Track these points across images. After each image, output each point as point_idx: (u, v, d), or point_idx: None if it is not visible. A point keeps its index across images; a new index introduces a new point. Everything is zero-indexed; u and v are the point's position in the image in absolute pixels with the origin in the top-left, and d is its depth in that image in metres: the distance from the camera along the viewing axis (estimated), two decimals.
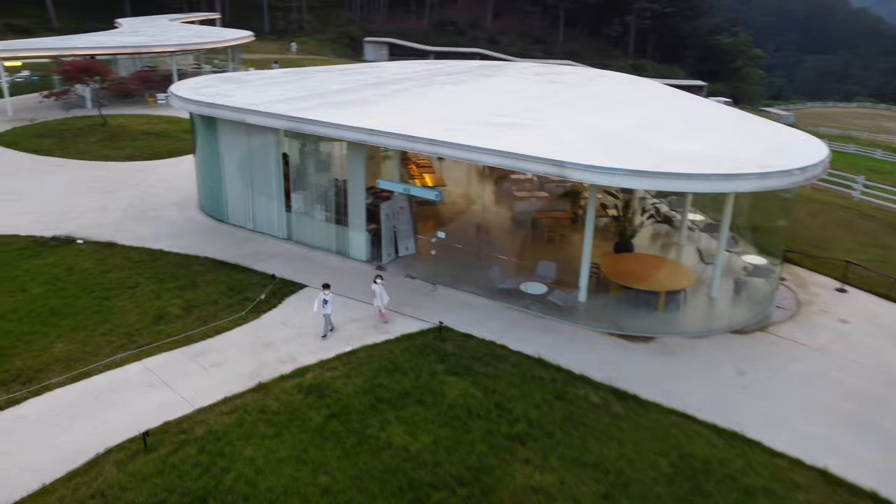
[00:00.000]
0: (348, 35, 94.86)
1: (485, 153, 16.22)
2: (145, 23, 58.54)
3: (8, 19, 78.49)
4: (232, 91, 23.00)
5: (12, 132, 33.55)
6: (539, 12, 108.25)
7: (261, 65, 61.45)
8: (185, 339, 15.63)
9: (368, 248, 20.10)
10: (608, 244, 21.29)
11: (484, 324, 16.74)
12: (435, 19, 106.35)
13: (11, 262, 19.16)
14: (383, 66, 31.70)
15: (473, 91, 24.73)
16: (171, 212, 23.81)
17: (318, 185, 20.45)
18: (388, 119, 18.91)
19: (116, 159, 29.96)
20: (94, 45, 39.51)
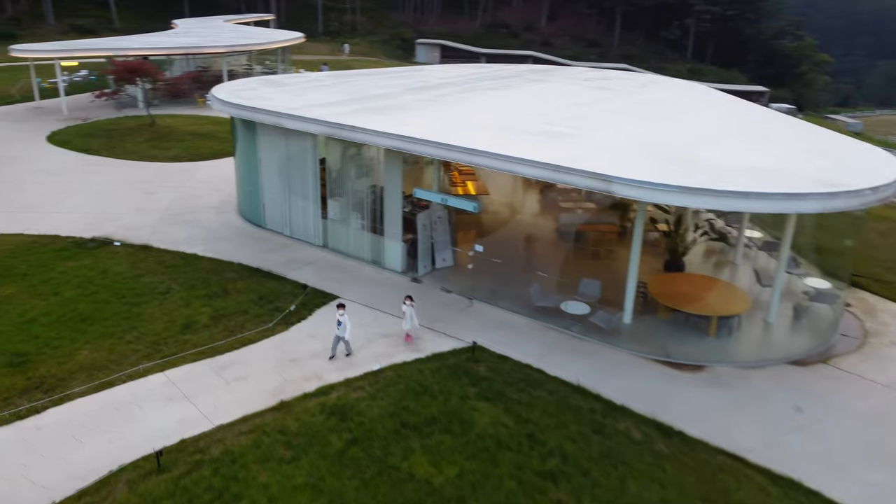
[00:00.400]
0: (400, 37, 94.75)
1: (525, 164, 15.33)
2: (200, 23, 59.38)
3: (73, 20, 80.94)
4: (272, 94, 22.65)
5: (65, 131, 34.13)
6: (595, 15, 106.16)
7: (311, 66, 61.70)
8: (210, 350, 15.20)
9: (404, 258, 19.41)
10: (657, 261, 20.10)
11: (521, 345, 15.84)
12: (488, 21, 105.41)
13: (48, 264, 19.13)
14: (428, 69, 31.06)
15: (519, 97, 23.82)
16: (209, 215, 23.60)
17: (355, 191, 19.87)
18: (426, 126, 18.20)
19: (161, 160, 30.07)
20: (147, 46, 40.01)
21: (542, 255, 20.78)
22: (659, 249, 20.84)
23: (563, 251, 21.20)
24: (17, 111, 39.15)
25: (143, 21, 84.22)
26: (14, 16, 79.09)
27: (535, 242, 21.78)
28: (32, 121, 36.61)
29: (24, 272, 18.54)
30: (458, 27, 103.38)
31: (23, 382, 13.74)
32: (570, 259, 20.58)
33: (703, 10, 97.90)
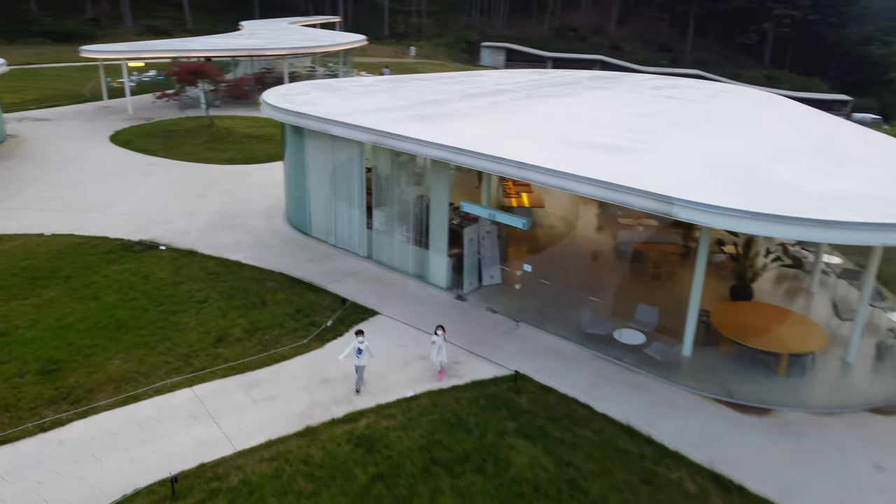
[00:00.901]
0: (465, 39, 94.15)
1: (578, 182, 14.19)
2: (265, 25, 60.07)
3: (148, 21, 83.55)
4: (322, 99, 22.13)
5: (128, 131, 34.69)
6: (667, 19, 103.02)
7: (372, 68, 61.65)
8: (241, 365, 14.63)
9: (449, 274, 18.50)
10: (723, 286, 18.58)
11: (568, 375, 14.69)
12: (556, 24, 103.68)
13: (93, 267, 19.05)
14: (486, 75, 30.08)
15: (578, 106, 22.59)
16: (257, 220, 23.26)
17: (401, 202, 19.06)
18: (477, 135, 17.26)
19: (217, 162, 30.09)
20: (210, 48, 40.45)
21: (597, 276, 19.51)
22: (725, 273, 19.29)
23: (619, 272, 19.87)
24: (86, 110, 40.17)
25: (214, 22, 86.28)
26: (94, 17, 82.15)
27: (589, 261, 20.50)
28: (99, 120, 37.43)
29: (69, 274, 18.48)
30: (525, 30, 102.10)
31: (51, 392, 13.45)
32: (627, 281, 19.24)
33: (783, 14, 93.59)
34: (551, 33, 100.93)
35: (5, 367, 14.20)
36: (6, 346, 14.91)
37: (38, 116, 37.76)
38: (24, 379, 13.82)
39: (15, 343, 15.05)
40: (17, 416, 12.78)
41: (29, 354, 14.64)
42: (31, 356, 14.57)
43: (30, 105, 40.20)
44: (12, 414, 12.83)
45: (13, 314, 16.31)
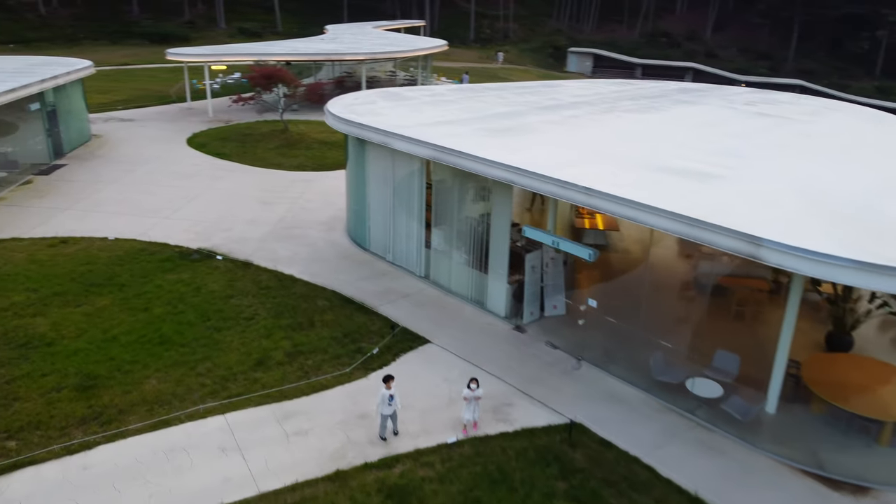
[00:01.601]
0: (552, 45, 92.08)
1: (652, 213, 12.62)
2: (349, 29, 60.32)
3: (241, 23, 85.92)
4: (387, 109, 21.28)
5: (205, 133, 35.08)
6: (769, 25, 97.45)
7: (452, 74, 60.85)
8: (278, 393, 13.85)
9: (509, 302, 17.20)
10: (818, 332, 16.47)
11: (630, 428, 13.14)
12: (648, 30, 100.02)
13: (149, 275, 18.84)
14: (565, 85, 28.51)
15: (662, 123, 20.79)
16: (316, 232, 22.65)
17: (461, 221, 17.91)
18: (546, 155, 15.93)
19: (286, 168, 29.85)
20: (290, 52, 40.59)
21: (671, 311, 17.72)
22: (821, 315, 17.13)
23: (697, 308, 18.00)
24: (170, 111, 41.09)
25: (303, 25, 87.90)
26: (190, 19, 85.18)
27: (664, 294, 18.70)
28: (180, 121, 38.13)
29: (124, 282, 18.32)
30: (615, 36, 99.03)
31: (84, 410, 13.05)
32: (705, 319, 17.36)
33: None
34: (642, 39, 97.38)
35: (46, 379, 13.96)
36: (50, 357, 14.71)
37: (124, 117, 38.85)
38: (61, 394, 13.51)
39: (59, 354, 14.83)
40: (48, 434, 12.42)
41: (70, 367, 14.36)
42: (72, 369, 14.29)
43: (118, 105, 41.49)
44: (42, 432, 12.48)
45: (64, 322, 16.18)
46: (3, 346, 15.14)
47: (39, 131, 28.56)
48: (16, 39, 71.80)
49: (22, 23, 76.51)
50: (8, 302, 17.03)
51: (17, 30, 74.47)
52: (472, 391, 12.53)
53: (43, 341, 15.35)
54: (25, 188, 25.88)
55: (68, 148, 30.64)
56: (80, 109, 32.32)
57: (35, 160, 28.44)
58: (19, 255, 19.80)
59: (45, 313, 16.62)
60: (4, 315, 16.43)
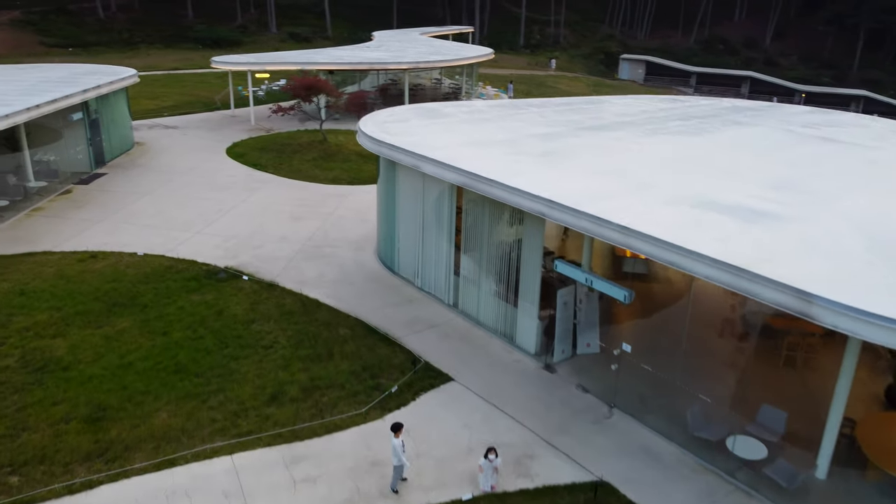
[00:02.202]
0: (604, 51, 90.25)
1: (692, 259, 11.53)
2: (396, 36, 59.93)
3: (292, 28, 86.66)
4: (422, 128, 20.55)
5: (244, 143, 35.00)
6: (833, 33, 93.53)
7: (499, 81, 59.89)
8: (290, 433, 13.22)
9: (539, 338, 16.24)
10: (877, 383, 15.04)
11: (663, 489, 12.07)
12: (704, 37, 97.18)
13: (173, 295, 18.51)
14: (611, 102, 27.28)
15: (712, 148, 19.51)
16: (346, 251, 22.06)
17: (490, 249, 17.03)
18: (583, 184, 14.97)
19: (321, 180, 29.42)
20: (334, 61, 40.31)
21: (714, 356, 16.45)
22: (881, 364, 15.68)
23: (742, 353, 16.70)
24: (213, 118, 41.27)
25: (352, 30, 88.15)
26: (242, 23, 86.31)
27: (707, 334, 17.43)
28: (222, 129, 38.19)
29: (147, 303, 18.01)
30: (669, 42, 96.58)
31: (90, 445, 12.66)
32: (751, 365, 16.07)
33: None
34: (698, 46, 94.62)
35: (56, 408, 13.64)
36: (64, 384, 14.41)
37: (168, 124, 39.13)
38: (69, 426, 13.16)
39: (73, 380, 14.52)
40: (51, 471, 12.05)
41: (82, 396, 14.02)
42: (83, 398, 13.95)
43: (164, 112, 41.87)
44: (46, 468, 12.11)
45: (82, 345, 15.91)
46: (21, 369, 14.93)
47: (81, 140, 28.79)
48: (75, 43, 73.86)
49: (82, 27, 78.68)
50: (31, 321, 16.88)
51: (78, 34, 76.61)
52: (490, 462, 11.64)
53: (59, 365, 15.09)
54: (64, 198, 26.04)
55: (110, 156, 30.86)
56: (123, 117, 32.55)
57: (76, 169, 28.67)
58: (49, 270, 19.73)
59: (66, 334, 16.40)
60: (26, 335, 16.26)
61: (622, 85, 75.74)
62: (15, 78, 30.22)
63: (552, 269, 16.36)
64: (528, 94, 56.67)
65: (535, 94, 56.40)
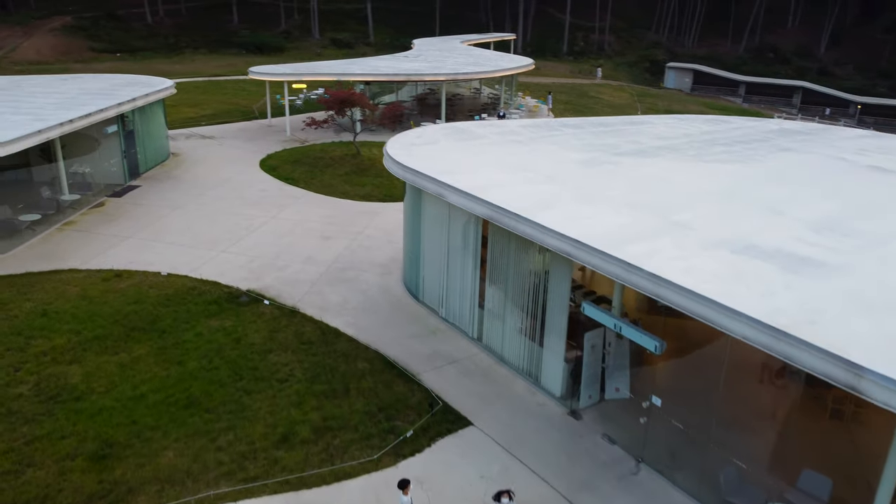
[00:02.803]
0: (650, 59, 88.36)
1: (726, 315, 10.59)
2: (435, 45, 59.42)
3: (334, 34, 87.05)
4: (450, 151, 19.92)
5: (277, 155, 34.86)
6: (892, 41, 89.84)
7: (540, 90, 58.91)
8: (297, 480, 12.68)
9: (565, 380, 15.42)
10: None
11: None
12: (754, 45, 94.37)
13: (192, 320, 18.21)
14: (652, 123, 26.18)
15: (757, 178, 18.37)
16: (371, 275, 21.53)
17: (516, 284, 16.26)
18: (616, 221, 14.10)
19: (352, 197, 29.00)
20: (371, 72, 39.95)
21: (751, 410, 15.34)
22: None
23: (783, 406, 15.57)
24: (250, 128, 41.34)
25: (394, 36, 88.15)
26: (286, 29, 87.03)
27: (745, 382, 16.30)
28: (258, 140, 38.17)
29: (165, 328, 17.74)
30: (718, 50, 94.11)
31: (94, 485, 12.32)
32: (794, 419, 14.94)
33: None
34: (748, 54, 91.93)
35: (64, 443, 13.38)
36: (74, 416, 14.15)
37: (206, 133, 39.30)
38: (75, 463, 12.86)
39: (83, 412, 14.26)
40: None
41: (91, 430, 13.73)
42: (91, 432, 13.66)
43: (202, 121, 42.12)
44: None
45: (97, 373, 15.67)
46: (34, 398, 14.74)
47: (116, 153, 28.94)
48: (123, 48, 75.41)
49: (130, 32, 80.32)
50: (49, 345, 16.74)
51: (126, 39, 78.21)
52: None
53: (72, 395, 14.85)
54: (96, 211, 26.13)
55: (144, 168, 30.99)
56: (159, 128, 32.70)
57: (110, 181, 28.82)
58: (73, 290, 19.66)
59: (82, 360, 16.20)
60: (43, 360, 16.11)
61: (667, 94, 73.92)
62: (56, 90, 30.57)
63: (577, 304, 15.55)
64: (568, 104, 55.60)
65: (576, 105, 55.31)
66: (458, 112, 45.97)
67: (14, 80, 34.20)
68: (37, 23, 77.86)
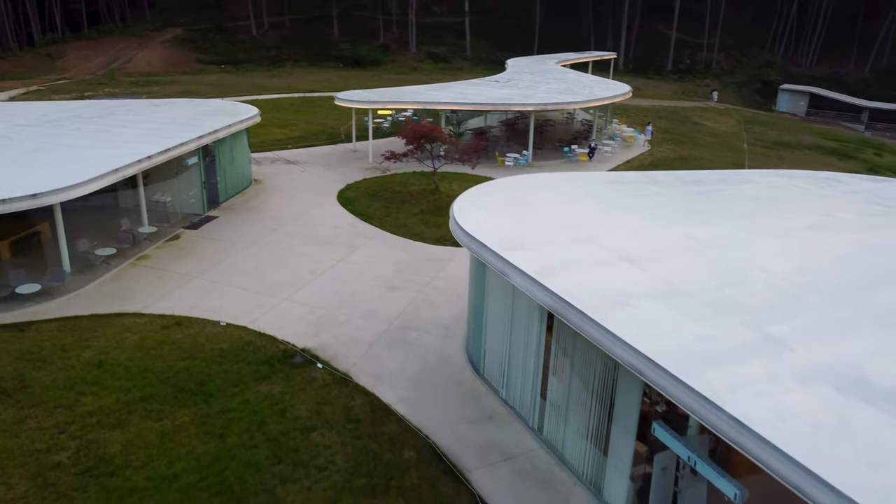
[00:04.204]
0: (762, 79, 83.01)
1: (826, 493, 8.57)
2: (529, 66, 57.62)
3: (431, 48, 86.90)
4: (519, 210, 18.38)
5: (356, 186, 34.29)
6: None
7: (637, 115, 56.05)
8: None
9: (631, 499, 13.57)
10: None
11: None
12: (882, 65, 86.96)
13: (241, 384, 17.56)
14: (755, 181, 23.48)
15: (878, 270, 15.73)
16: (433, 338, 20.29)
17: (581, 381, 14.54)
18: (699, 330, 12.21)
19: (426, 239, 27.89)
20: (457, 100, 38.84)
21: None
22: None
23: None
24: (334, 153, 41.18)
25: (492, 51, 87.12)
26: (384, 42, 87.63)
27: None
28: (340, 167, 37.87)
29: (213, 391, 17.16)
30: (839, 71, 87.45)
31: None
32: None
33: None
34: (873, 77, 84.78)
35: None
36: (105, 494, 13.65)
37: (290, 158, 39.41)
38: None
39: (115, 491, 13.73)
40: None
41: None
42: None
43: (289, 143, 42.36)
44: None
45: (137, 442, 15.20)
46: (72, 468, 14.38)
47: (196, 184, 29.12)
48: (227, 60, 78.05)
49: (237, 44, 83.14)
50: (97, 404, 16.47)
51: (231, 51, 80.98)
52: None
53: (108, 468, 14.39)
54: (171, 245, 26.25)
55: (224, 197, 31.13)
56: (242, 156, 32.82)
57: (188, 211, 29.04)
58: (132, 338, 19.49)
59: (126, 424, 15.79)
60: (88, 422, 15.83)
61: (779, 120, 68.89)
62: (146, 118, 31.21)
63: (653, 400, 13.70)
64: (667, 132, 52.52)
65: (676, 134, 52.16)
66: (547, 141, 44.18)
67: (111, 104, 35.32)
68: (151, 34, 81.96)
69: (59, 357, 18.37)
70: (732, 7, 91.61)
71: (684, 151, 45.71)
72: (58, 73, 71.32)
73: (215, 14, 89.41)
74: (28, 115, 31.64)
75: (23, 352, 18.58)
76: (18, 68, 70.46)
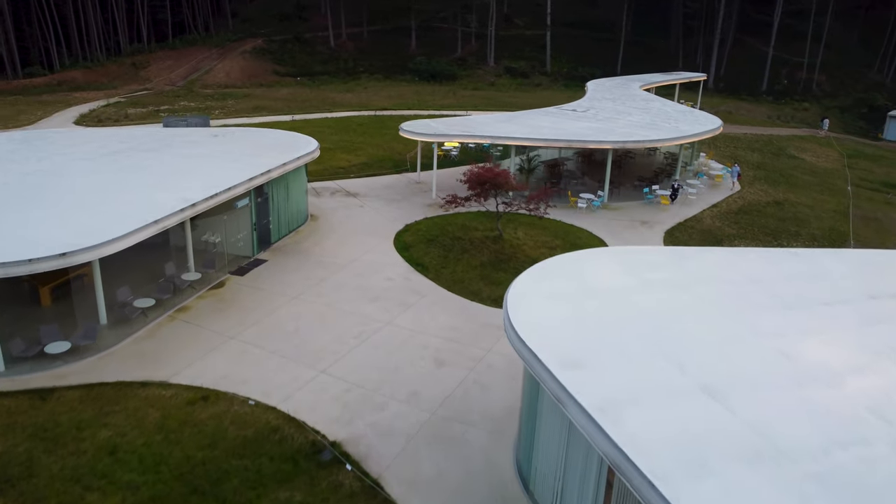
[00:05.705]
0: (868, 104, 76.20)
1: None
2: (611, 90, 54.20)
3: (510, 62, 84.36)
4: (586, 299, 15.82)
5: (415, 227, 32.24)
6: None
7: (725, 147, 51.78)
8: None
9: None
10: None
11: None
12: None
13: (259, 487, 15.73)
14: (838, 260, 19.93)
15: None
16: (480, 435, 17.96)
17: None
18: None
19: (483, 299, 25.51)
20: (529, 135, 36.26)
21: None
22: None
23: None
24: (397, 185, 39.37)
25: (573, 66, 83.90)
26: (461, 56, 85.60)
27: None
28: (401, 202, 35.99)
29: (228, 496, 15.39)
30: None
31: None
32: None
33: None
34: None
35: None
36: None
37: (351, 189, 37.83)
38: None
39: None
40: None
41: None
42: None
43: (351, 172, 40.86)
44: None
45: None
46: None
47: (245, 226, 27.77)
48: (304, 72, 77.88)
49: (313, 56, 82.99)
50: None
51: (308, 63, 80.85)
52: None
53: None
54: (213, 294, 24.90)
55: (277, 237, 29.74)
56: (298, 193, 31.37)
57: (237, 253, 27.74)
58: (153, 415, 18.04)
59: None
60: None
61: (887, 153, 62.75)
62: (200, 151, 30.18)
63: None
64: (759, 168, 48.16)
65: (769, 171, 47.72)
66: (625, 177, 41.00)
67: (171, 134, 34.52)
68: (232, 45, 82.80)
69: (73, 438, 17.05)
70: (838, 23, 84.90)
71: (778, 194, 41.53)
72: (140, 82, 72.80)
73: (296, 25, 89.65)
74: (88, 145, 31.16)
75: (37, 427, 17.38)
76: (103, 78, 72.29)
